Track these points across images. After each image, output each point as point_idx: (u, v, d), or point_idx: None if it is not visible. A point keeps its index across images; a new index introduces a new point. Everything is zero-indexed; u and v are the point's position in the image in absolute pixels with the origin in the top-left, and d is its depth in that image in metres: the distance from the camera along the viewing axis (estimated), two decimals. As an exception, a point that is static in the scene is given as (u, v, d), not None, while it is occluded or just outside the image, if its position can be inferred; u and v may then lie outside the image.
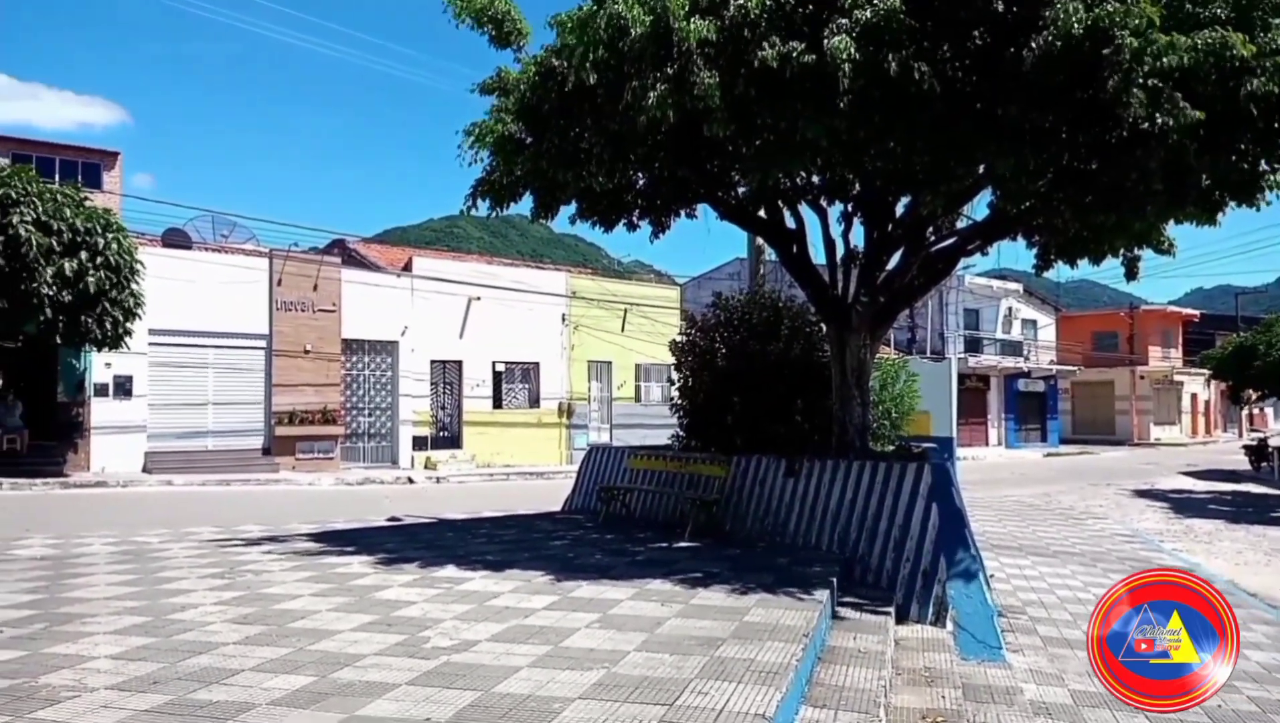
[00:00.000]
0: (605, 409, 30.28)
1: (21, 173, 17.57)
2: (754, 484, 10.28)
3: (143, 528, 11.34)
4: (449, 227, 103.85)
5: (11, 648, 5.38)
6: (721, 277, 36.07)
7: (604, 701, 4.47)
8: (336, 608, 6.54)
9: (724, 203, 10.32)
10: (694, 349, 12.11)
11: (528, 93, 8.71)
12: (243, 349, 22.91)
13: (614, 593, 7.09)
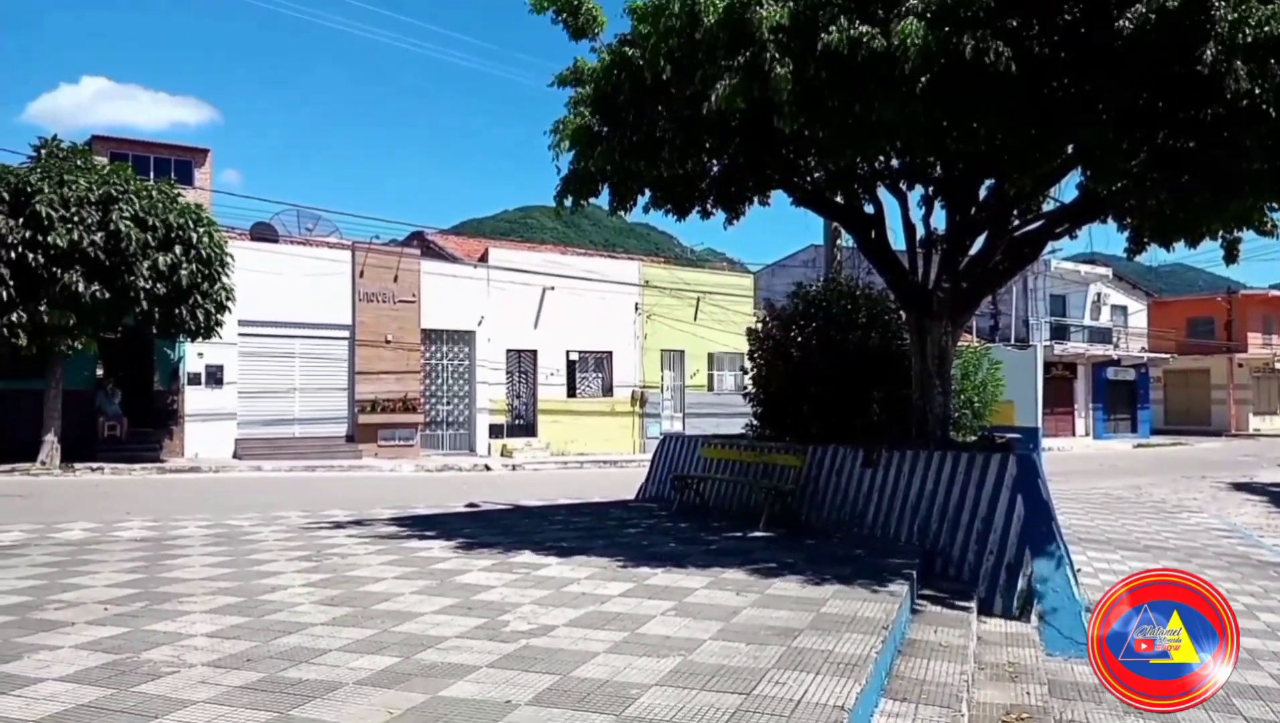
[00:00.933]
0: (678, 398, 30.28)
1: (120, 171, 18.41)
2: (831, 474, 10.15)
3: (234, 512, 11.80)
4: (523, 217, 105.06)
5: (115, 625, 5.66)
6: (796, 264, 35.66)
7: (681, 688, 4.48)
8: (419, 591, 6.69)
9: (799, 188, 10.19)
10: (769, 338, 12.00)
11: (603, 83, 8.73)
12: (327, 339, 23.60)
13: (689, 581, 7.09)
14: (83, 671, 4.69)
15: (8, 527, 10.17)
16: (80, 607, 6.14)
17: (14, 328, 16.70)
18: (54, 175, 17.32)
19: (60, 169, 17.60)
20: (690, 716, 4.10)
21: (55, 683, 4.49)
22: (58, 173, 17.43)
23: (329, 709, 4.15)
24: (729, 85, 7.33)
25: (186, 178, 24.50)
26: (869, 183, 10.23)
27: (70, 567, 7.70)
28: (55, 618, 5.82)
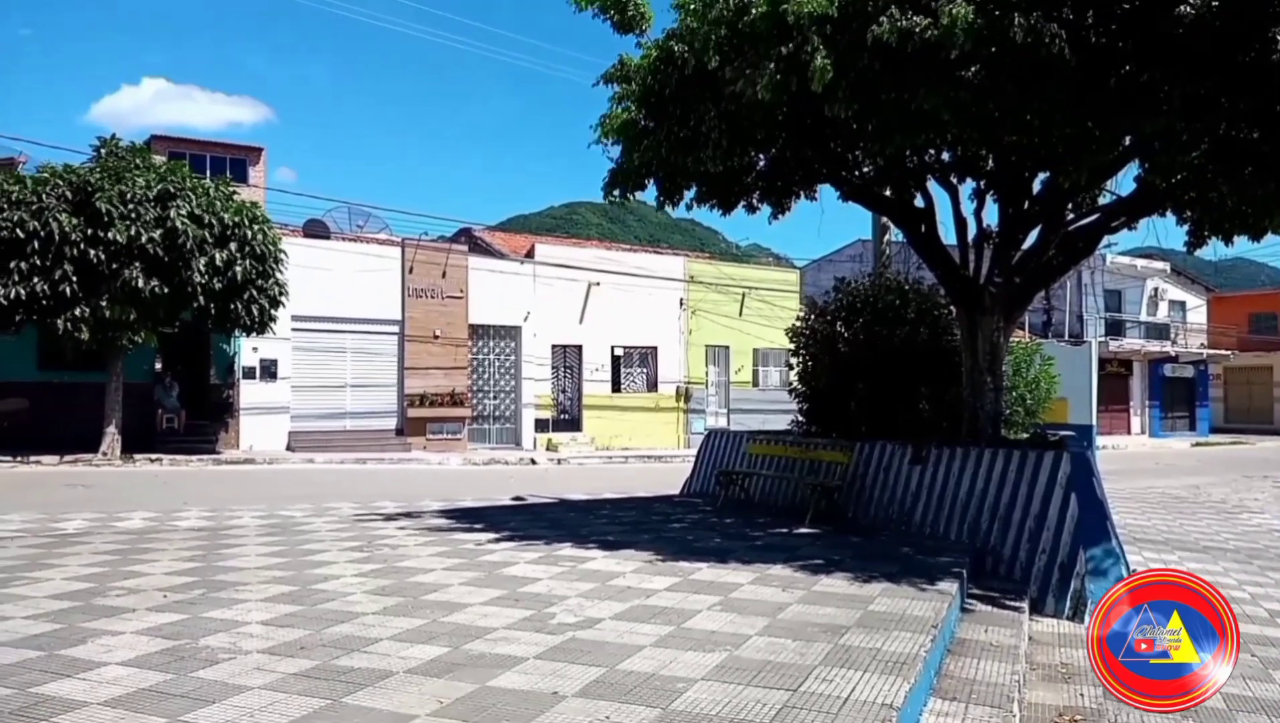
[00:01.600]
0: (723, 394, 30.19)
1: (177, 169, 18.86)
2: (878, 471, 10.05)
3: (288, 503, 12.04)
4: (569, 213, 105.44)
5: (174, 612, 5.82)
6: (843, 259, 35.31)
7: (727, 683, 4.48)
8: (467, 582, 6.77)
9: (847, 182, 10.09)
10: (815, 334, 11.92)
11: (649, 78, 8.73)
12: (377, 334, 23.95)
13: (734, 577, 7.08)
14: (143, 656, 4.83)
15: (71, 515, 10.51)
16: (141, 594, 6.33)
17: (77, 322, 17.21)
18: (114, 174, 17.81)
19: (120, 168, 18.09)
20: (737, 710, 4.09)
21: (118, 667, 4.63)
22: (117, 171, 17.92)
23: (380, 697, 4.22)
24: (769, 77, 7.28)
25: (241, 176, 25.02)
26: (919, 176, 10.09)
27: (131, 555, 7.92)
28: (117, 604, 6.00)
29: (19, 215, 16.77)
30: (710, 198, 9.80)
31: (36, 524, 9.77)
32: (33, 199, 17.04)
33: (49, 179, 17.59)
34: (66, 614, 5.70)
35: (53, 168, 18.18)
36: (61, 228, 16.86)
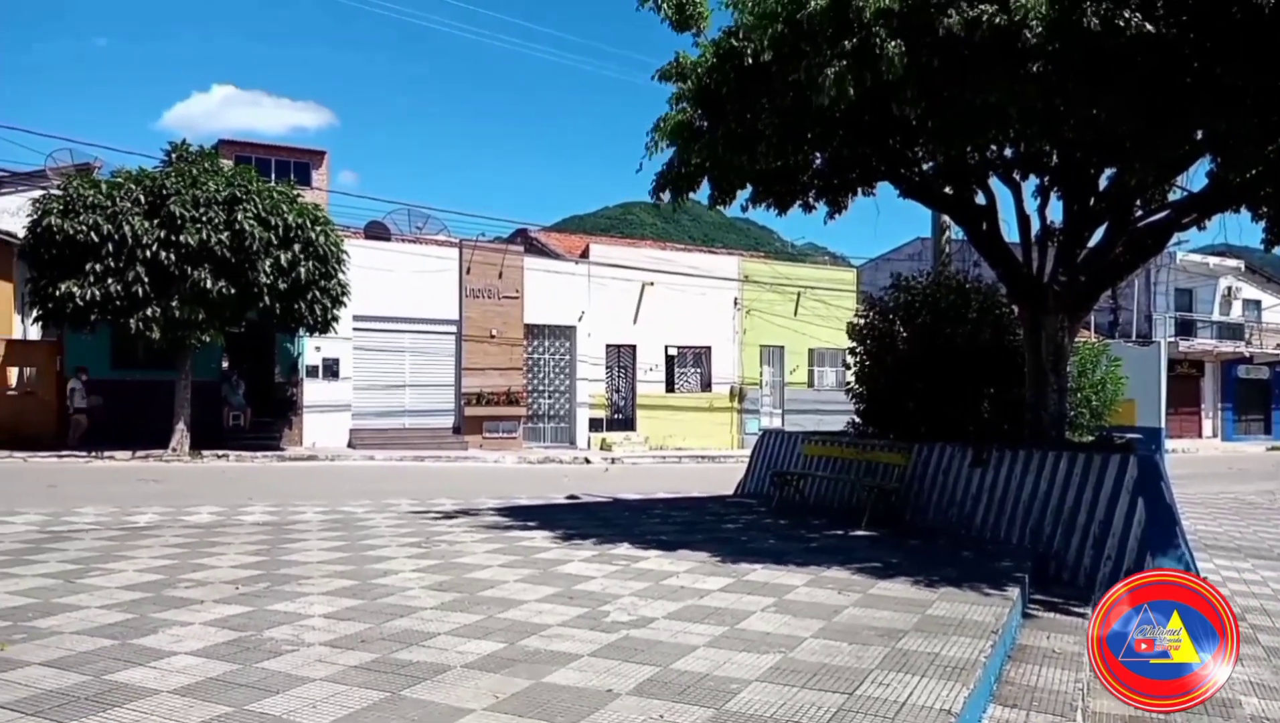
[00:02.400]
0: (777, 394, 29.99)
1: (244, 173, 19.40)
2: (937, 474, 9.88)
3: (349, 499, 12.29)
4: (623, 213, 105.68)
5: (240, 604, 5.98)
6: (901, 258, 34.80)
7: (781, 685, 4.45)
8: (523, 580, 6.84)
9: (906, 180, 9.94)
10: (873, 333, 11.76)
11: (705, 76, 8.70)
12: (435, 334, 24.32)
13: (789, 579, 7.03)
14: (211, 646, 4.98)
15: (143, 509, 10.86)
16: (208, 586, 6.52)
17: (148, 322, 17.80)
18: (185, 178, 18.37)
19: (190, 172, 18.66)
20: (792, 713, 4.07)
21: (187, 657, 4.77)
22: (188, 175, 18.48)
23: (438, 691, 4.28)
24: (838, 71, 7.19)
25: (304, 179, 25.63)
26: (980, 173, 9.90)
27: (199, 548, 8.17)
28: (186, 596, 6.18)
29: (94, 219, 17.41)
30: (766, 197, 9.74)
31: (110, 517, 10.12)
32: (107, 203, 17.67)
33: (123, 184, 18.22)
34: (138, 605, 5.90)
35: (127, 172, 18.84)
36: (134, 231, 17.45)
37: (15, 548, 7.96)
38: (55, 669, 4.51)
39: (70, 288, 17.26)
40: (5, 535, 8.66)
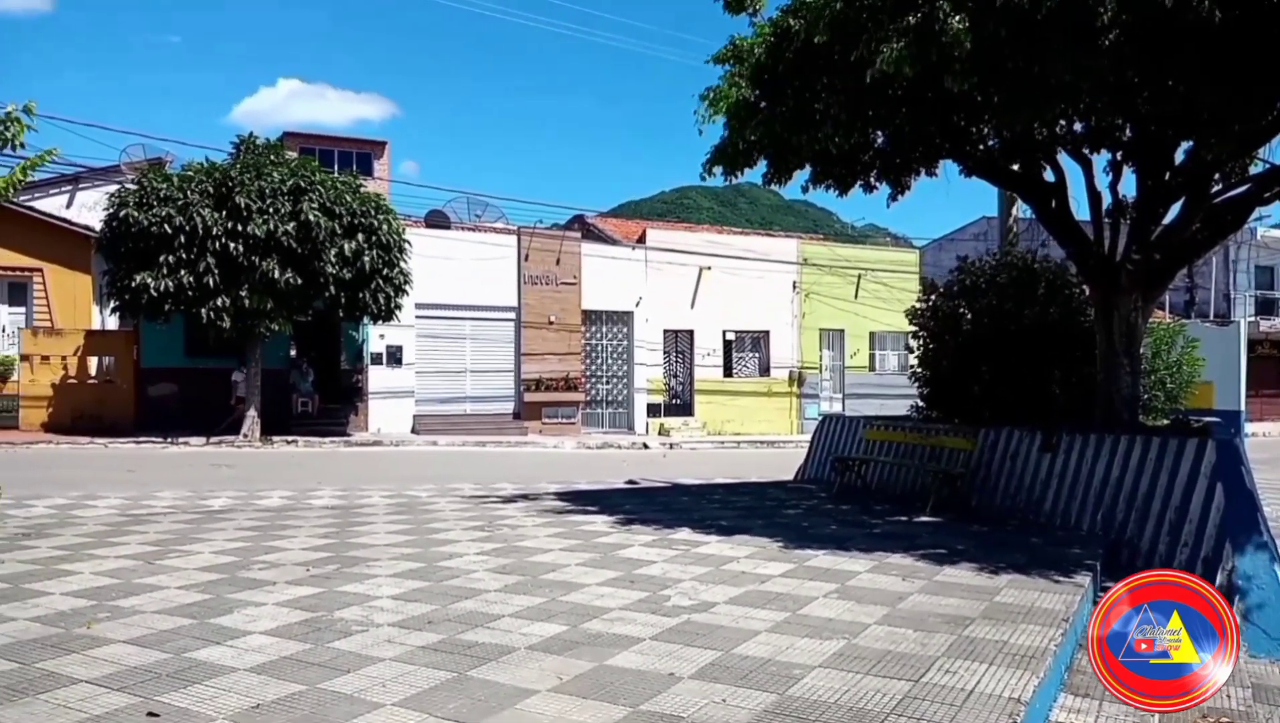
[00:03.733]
0: (837, 378, 29.66)
1: (307, 164, 19.80)
2: (1004, 458, 9.68)
3: (413, 483, 12.53)
4: (679, 198, 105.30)
5: (311, 585, 6.14)
6: (965, 238, 34.03)
7: (845, 671, 4.41)
8: (584, 563, 6.90)
9: (971, 157, 9.70)
10: (936, 315, 11.52)
11: (762, 55, 8.59)
12: (495, 321, 24.58)
13: (851, 565, 6.96)
14: (284, 626, 5.12)
15: (217, 493, 11.22)
16: (280, 567, 6.70)
17: (219, 312, 18.32)
18: (251, 169, 18.83)
19: (256, 164, 19.12)
20: (856, 699, 4.03)
21: (261, 636, 4.92)
22: (254, 167, 18.94)
23: (503, 672, 4.35)
24: (897, 49, 7.03)
25: (367, 169, 26.06)
26: (1049, 149, 9.61)
27: (271, 531, 8.41)
28: (259, 577, 6.37)
29: (167, 211, 17.95)
30: (826, 178, 9.60)
31: (185, 501, 10.48)
32: (178, 195, 18.20)
33: (193, 176, 18.75)
34: (214, 586, 6.10)
35: (197, 165, 19.37)
36: (205, 222, 17.96)
37: (98, 531, 8.30)
38: (138, 647, 4.69)
39: (145, 279, 17.84)
40: (89, 518, 9.03)
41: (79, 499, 10.25)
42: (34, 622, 5.13)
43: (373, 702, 3.94)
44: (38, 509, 9.44)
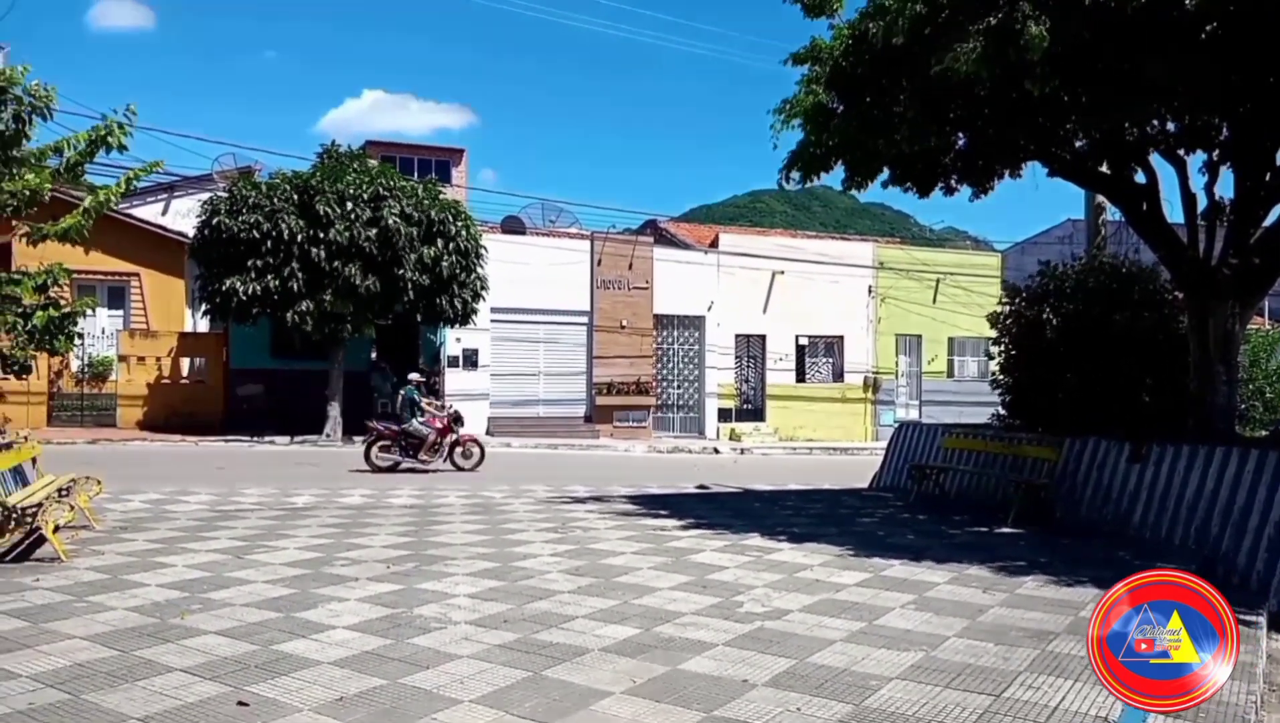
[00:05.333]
0: (914, 385, 29.08)
1: (387, 171, 20.30)
2: (1090, 469, 9.36)
3: (488, 484, 12.72)
4: (752, 202, 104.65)
5: (392, 582, 6.29)
6: (1050, 240, 33.01)
7: (923, 683, 4.33)
8: (656, 567, 6.91)
9: (1057, 159, 9.42)
10: (1019, 320, 11.19)
11: (840, 59, 8.51)
12: (568, 325, 24.80)
13: (929, 576, 6.82)
14: (366, 621, 5.27)
15: (301, 491, 11.57)
16: (362, 564, 6.89)
17: (303, 316, 18.90)
18: (332, 177, 19.40)
19: (339, 172, 19.68)
20: (935, 712, 3.95)
21: (344, 631, 5.07)
22: (338, 175, 19.51)
23: (577, 673, 4.39)
24: (975, 50, 6.89)
25: (445, 176, 26.59)
26: (1140, 149, 9.28)
27: (353, 528, 8.64)
28: (342, 573, 6.56)
29: (255, 218, 18.61)
30: (905, 180, 9.45)
31: (272, 498, 10.84)
32: (266, 203, 18.85)
33: (279, 184, 19.40)
34: (300, 580, 6.30)
35: (283, 174, 20.04)
36: (290, 229, 18.56)
37: (190, 525, 8.65)
38: (228, 638, 4.88)
39: (234, 283, 18.51)
40: (181, 513, 9.42)
41: (172, 495, 10.70)
42: (132, 612, 5.38)
43: (450, 698, 4.02)
44: (134, 503, 9.88)
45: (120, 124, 9.81)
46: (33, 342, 9.46)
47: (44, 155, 9.90)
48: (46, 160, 9.94)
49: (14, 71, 9.16)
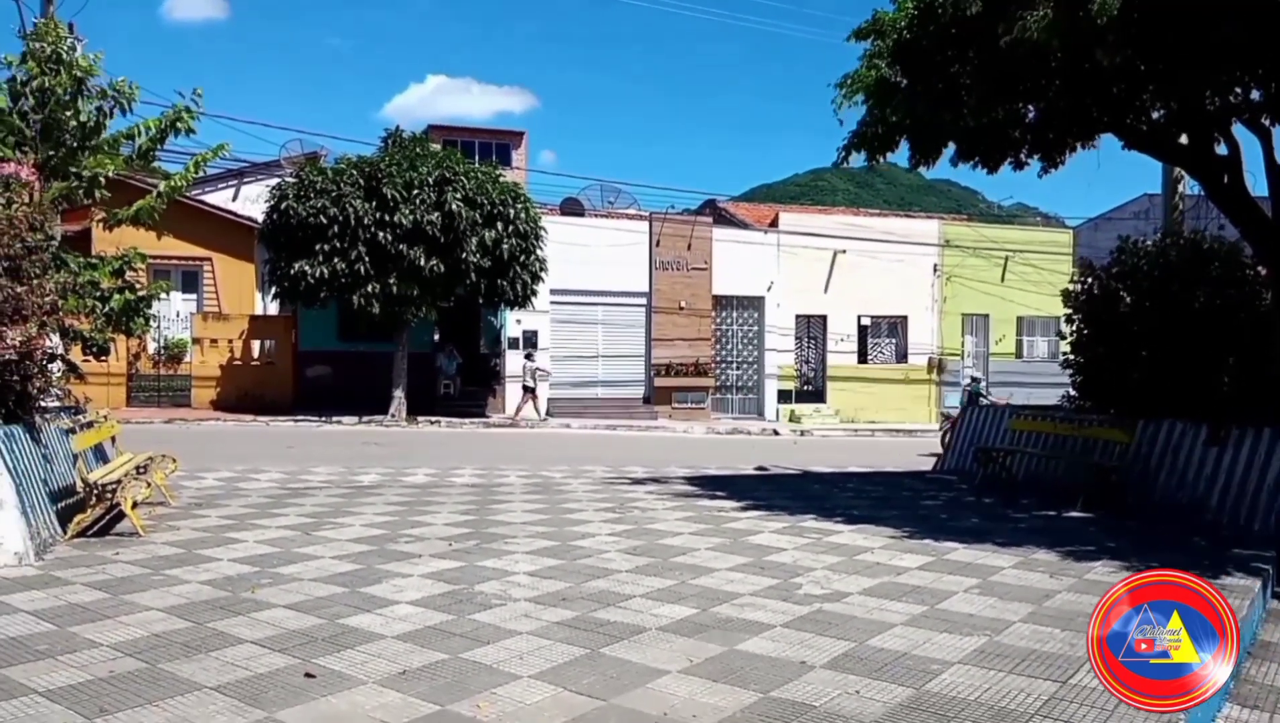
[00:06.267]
0: (980, 365, 28.45)
1: (451, 156, 20.52)
2: (1165, 452, 9.05)
3: (547, 464, 12.85)
4: (814, 180, 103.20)
5: (454, 559, 6.40)
6: (1125, 216, 31.85)
7: (987, 668, 4.25)
8: (713, 548, 6.90)
9: (1132, 131, 9.07)
10: (1092, 298, 10.82)
11: (905, 31, 8.29)
12: (627, 306, 24.84)
13: (994, 560, 6.69)
14: (428, 597, 5.37)
15: (367, 469, 11.83)
16: (425, 541, 7.02)
17: (369, 298, 19.28)
18: (398, 162, 19.68)
19: (403, 156, 19.96)
20: (998, 697, 3.88)
21: (407, 606, 5.17)
22: (401, 160, 19.79)
23: (635, 651, 4.41)
24: (1045, 18, 6.65)
25: (505, 159, 26.78)
26: (1221, 119, 8.88)
27: (416, 506, 8.81)
28: (406, 550, 6.69)
29: (322, 202, 18.99)
30: (972, 155, 9.19)
31: (339, 476, 11.10)
32: (332, 188, 19.22)
33: (345, 169, 19.75)
34: (365, 556, 6.45)
35: (349, 159, 20.40)
36: (356, 213, 18.91)
37: (261, 502, 8.91)
38: (296, 612, 5.01)
39: (303, 267, 18.95)
40: (252, 491, 9.71)
41: (244, 473, 11.03)
42: (205, 585, 5.56)
43: (510, 673, 4.08)
44: (208, 481, 10.21)
45: (188, 108, 10.11)
46: (110, 324, 9.81)
47: (118, 142, 10.25)
48: (120, 147, 10.28)
49: (90, 63, 9.48)
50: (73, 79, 9.37)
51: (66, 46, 9.38)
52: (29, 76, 9.31)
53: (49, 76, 9.25)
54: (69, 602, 5.13)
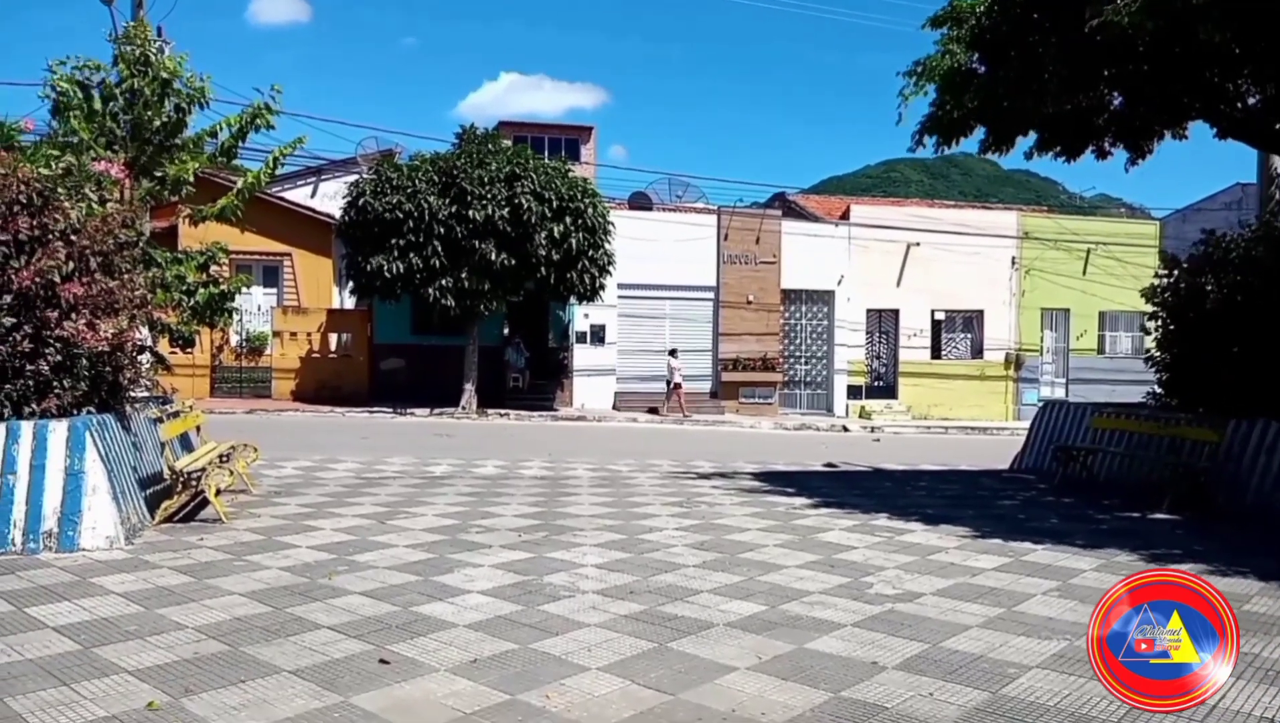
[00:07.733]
0: (1060, 362, 27.61)
1: (522, 151, 20.73)
2: (1258, 453, 8.65)
3: (615, 457, 12.90)
4: (885, 172, 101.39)
5: (523, 550, 6.47)
6: (1215, 207, 30.53)
7: (1067, 674, 4.12)
8: (782, 545, 6.84)
9: (1226, 117, 8.68)
10: (1179, 292, 10.39)
11: (983, 18, 8.07)
12: (694, 301, 24.77)
13: (1074, 562, 6.48)
14: (498, 587, 5.43)
15: (439, 460, 12.04)
16: (495, 532, 7.11)
17: (443, 292, 19.62)
18: (472, 158, 19.96)
19: (476, 153, 20.24)
20: (1077, 704, 3.76)
21: (478, 595, 5.24)
22: (474, 156, 20.06)
23: (703, 646, 4.39)
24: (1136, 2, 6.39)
25: (574, 154, 26.97)
26: (1323, 103, 8.43)
27: (487, 497, 8.93)
28: (476, 540, 6.79)
29: (397, 199, 19.38)
30: (1052, 143, 8.92)
31: (412, 467, 11.32)
32: (407, 184, 19.60)
33: (420, 166, 20.12)
34: (437, 546, 6.56)
35: (423, 156, 20.78)
36: (431, 208, 19.25)
37: (338, 491, 9.14)
38: (371, 599, 5.13)
39: (379, 262, 19.38)
40: (330, 480, 9.96)
41: (321, 462, 11.33)
42: (284, 571, 5.73)
43: (579, 665, 4.10)
44: (287, 470, 10.52)
45: (267, 105, 10.40)
46: (196, 317, 10.18)
47: (200, 141, 10.61)
48: (204, 145, 10.64)
49: (176, 65, 9.82)
50: (159, 80, 9.73)
51: (155, 49, 9.74)
52: (120, 79, 9.70)
53: (138, 78, 9.62)
54: (156, 585, 5.33)
